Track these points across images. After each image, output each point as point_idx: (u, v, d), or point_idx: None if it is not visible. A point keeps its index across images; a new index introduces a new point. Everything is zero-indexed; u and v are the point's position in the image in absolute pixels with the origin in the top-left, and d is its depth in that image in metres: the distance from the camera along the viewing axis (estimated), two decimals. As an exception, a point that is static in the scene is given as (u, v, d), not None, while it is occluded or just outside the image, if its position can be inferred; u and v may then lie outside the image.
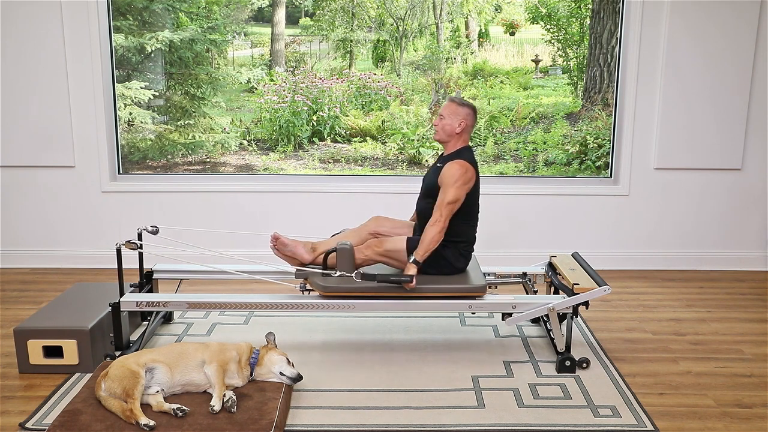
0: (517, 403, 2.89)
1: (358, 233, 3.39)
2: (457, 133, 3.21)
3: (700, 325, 3.81)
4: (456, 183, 3.09)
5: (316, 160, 4.96)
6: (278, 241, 3.26)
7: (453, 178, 3.10)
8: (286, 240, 3.27)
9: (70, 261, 4.74)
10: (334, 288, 3.13)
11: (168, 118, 4.92)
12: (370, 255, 3.21)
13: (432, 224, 3.09)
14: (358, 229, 3.43)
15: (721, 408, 2.89)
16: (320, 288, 3.15)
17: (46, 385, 3.01)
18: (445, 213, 3.09)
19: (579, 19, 4.85)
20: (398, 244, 3.20)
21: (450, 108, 3.23)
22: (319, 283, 3.15)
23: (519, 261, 4.05)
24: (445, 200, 3.09)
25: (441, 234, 3.10)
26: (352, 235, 3.39)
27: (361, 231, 3.41)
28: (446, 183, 3.11)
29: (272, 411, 2.63)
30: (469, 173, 3.14)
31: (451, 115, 3.21)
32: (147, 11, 4.73)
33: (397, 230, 3.39)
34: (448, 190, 3.09)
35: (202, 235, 4.53)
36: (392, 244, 3.20)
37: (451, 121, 3.21)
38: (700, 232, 4.77)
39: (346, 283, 3.12)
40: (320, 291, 3.15)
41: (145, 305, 3.17)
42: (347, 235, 3.40)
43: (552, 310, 3.16)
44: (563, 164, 4.91)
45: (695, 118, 4.56)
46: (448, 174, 3.12)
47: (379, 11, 4.88)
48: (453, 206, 3.10)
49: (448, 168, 3.13)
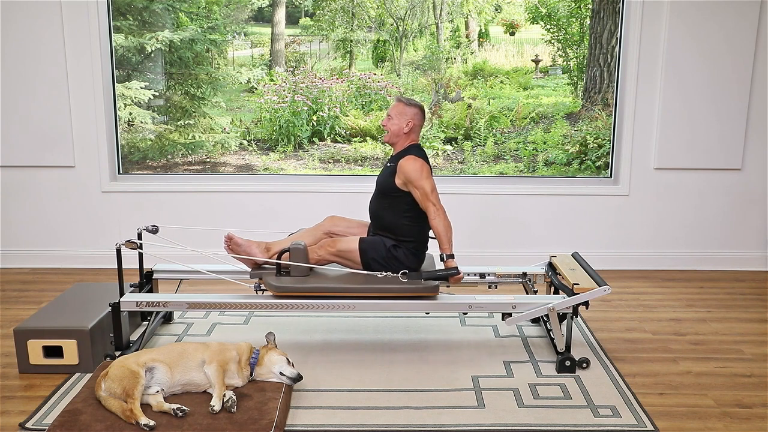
0: (517, 403, 2.89)
1: (313, 233, 3.42)
2: (405, 133, 3.25)
3: (700, 325, 3.81)
4: (422, 175, 3.14)
5: (316, 160, 4.96)
6: (232, 241, 3.27)
7: (416, 172, 3.14)
8: (240, 240, 3.27)
9: (70, 261, 4.74)
10: (287, 288, 3.14)
11: (168, 118, 4.92)
12: (324, 255, 3.25)
13: (433, 218, 3.14)
14: (313, 228, 3.46)
15: (721, 408, 2.89)
16: (273, 288, 3.16)
17: (46, 385, 3.01)
18: (434, 200, 3.14)
19: (579, 19, 4.85)
20: (351, 245, 3.22)
21: (397, 108, 3.26)
22: (272, 283, 3.16)
23: (519, 261, 4.05)
24: (426, 192, 3.14)
25: (447, 218, 3.15)
26: (307, 234, 3.41)
27: (316, 230, 3.43)
28: (414, 178, 3.14)
29: (272, 411, 2.63)
30: (424, 165, 3.18)
31: (399, 116, 3.25)
32: (147, 11, 4.73)
33: (351, 230, 3.42)
34: (421, 184, 3.14)
35: (202, 235, 4.53)
36: (345, 244, 3.23)
37: (399, 122, 3.24)
38: (700, 232, 4.77)
39: (300, 283, 3.15)
40: (273, 291, 3.16)
41: (145, 305, 3.17)
42: (302, 234, 3.42)
43: (552, 310, 3.16)
44: (563, 164, 4.91)
45: (695, 118, 4.56)
46: (409, 171, 3.15)
47: (379, 11, 4.88)
48: (435, 192, 3.16)
49: (406, 165, 3.16)
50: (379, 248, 3.20)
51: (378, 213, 3.29)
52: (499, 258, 4.52)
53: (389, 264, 3.19)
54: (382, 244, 3.21)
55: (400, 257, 3.21)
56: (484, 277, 3.58)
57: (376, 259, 3.19)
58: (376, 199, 3.33)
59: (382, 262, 3.19)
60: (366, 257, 3.20)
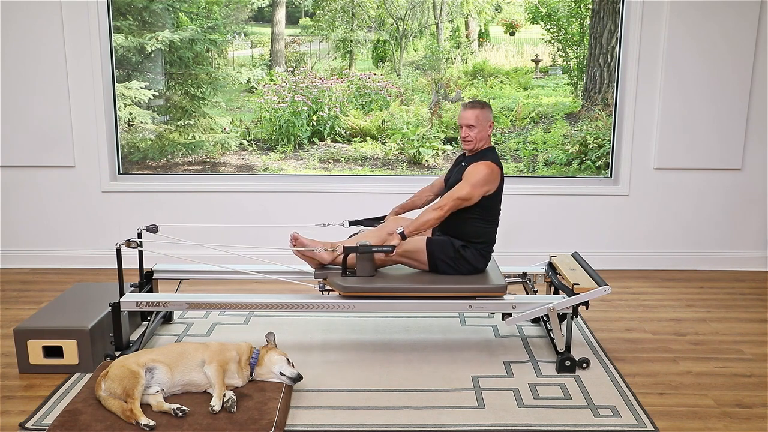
0: (517, 403, 2.89)
1: (377, 233, 3.35)
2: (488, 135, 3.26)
3: (700, 325, 3.81)
4: (477, 183, 3.12)
5: (316, 160, 4.96)
6: (297, 241, 3.25)
7: (476, 177, 3.12)
8: (306, 240, 3.26)
9: (70, 261, 4.74)
10: (353, 288, 3.14)
11: (168, 118, 4.92)
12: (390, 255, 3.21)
13: (434, 209, 3.13)
14: (378, 229, 3.39)
15: (721, 408, 2.89)
16: (340, 288, 3.15)
17: (46, 385, 3.01)
18: (450, 205, 3.12)
19: (579, 19, 4.85)
20: (418, 245, 3.21)
21: (477, 115, 3.20)
22: (339, 284, 3.16)
23: (519, 261, 4.04)
24: (457, 194, 3.12)
25: (438, 221, 3.13)
26: (372, 235, 3.35)
27: (380, 231, 3.36)
28: (467, 179, 3.13)
29: (272, 411, 2.63)
30: (494, 175, 3.16)
31: (481, 122, 3.21)
32: (147, 11, 4.73)
33: None
34: (465, 186, 3.12)
35: (202, 235, 4.53)
36: (412, 245, 3.20)
37: (481, 128, 3.22)
38: (700, 232, 4.77)
39: (366, 283, 3.14)
40: (340, 291, 3.16)
41: (145, 305, 3.17)
42: (366, 235, 3.37)
43: (552, 310, 3.16)
44: (563, 164, 4.91)
45: (695, 118, 4.56)
46: (473, 172, 3.14)
47: (379, 11, 4.88)
48: (461, 202, 3.13)
49: (475, 167, 3.15)
50: (447, 249, 3.19)
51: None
52: (499, 258, 4.50)
53: (457, 264, 3.19)
54: (450, 245, 3.19)
55: (469, 257, 3.20)
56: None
57: (443, 260, 3.19)
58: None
59: (450, 262, 3.18)
60: (433, 258, 3.19)
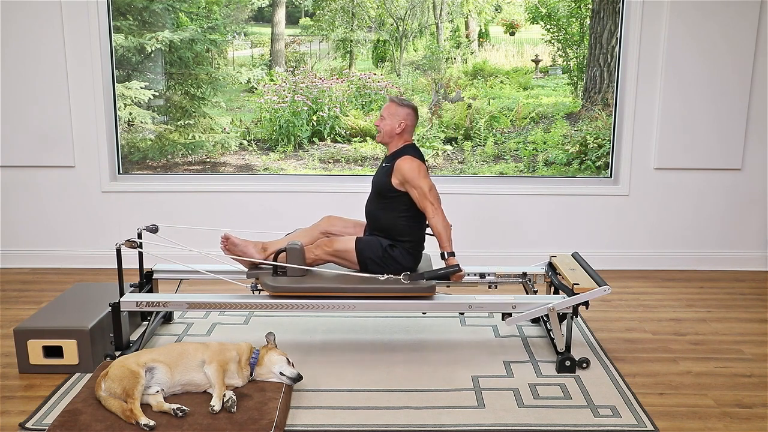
0: (517, 403, 2.89)
1: (310, 233, 3.41)
2: (397, 134, 3.25)
3: (700, 325, 3.81)
4: (420, 174, 3.14)
5: (316, 160, 4.96)
6: (228, 241, 3.27)
7: (413, 171, 3.14)
8: (237, 240, 3.28)
9: (70, 261, 4.74)
10: (283, 288, 3.14)
11: (168, 118, 4.92)
12: (320, 254, 3.24)
13: (432, 217, 3.14)
14: (310, 228, 3.45)
15: (721, 408, 2.89)
16: (270, 288, 3.16)
17: (46, 385, 3.01)
18: (433, 200, 3.14)
19: (579, 19, 4.85)
20: (348, 244, 3.22)
21: (390, 109, 3.26)
22: (269, 283, 3.16)
23: (519, 261, 4.05)
24: (425, 191, 3.14)
25: (445, 219, 3.16)
26: (304, 234, 3.41)
27: (312, 230, 3.43)
28: (412, 178, 3.14)
29: (272, 411, 2.64)
30: (417, 163, 3.18)
31: (391, 116, 3.24)
32: (147, 11, 4.73)
33: (348, 230, 3.41)
34: (419, 183, 3.14)
35: (202, 235, 4.53)
36: (342, 244, 3.23)
37: (391, 122, 3.24)
38: (700, 232, 4.77)
39: (296, 283, 3.15)
40: (269, 291, 3.16)
41: (145, 305, 3.17)
42: (299, 234, 3.42)
43: (552, 310, 3.16)
44: (563, 164, 4.91)
45: (695, 118, 4.56)
46: (406, 170, 3.15)
47: (379, 11, 4.88)
48: (434, 191, 3.16)
49: (403, 165, 3.16)
50: (376, 248, 3.20)
51: (374, 213, 3.29)
52: (499, 258, 4.52)
53: (386, 264, 3.19)
54: (378, 244, 3.21)
55: (397, 257, 3.21)
56: (484, 277, 3.57)
57: (372, 259, 3.20)
58: (373, 199, 3.33)
59: (379, 261, 3.19)
60: (362, 257, 3.20)
